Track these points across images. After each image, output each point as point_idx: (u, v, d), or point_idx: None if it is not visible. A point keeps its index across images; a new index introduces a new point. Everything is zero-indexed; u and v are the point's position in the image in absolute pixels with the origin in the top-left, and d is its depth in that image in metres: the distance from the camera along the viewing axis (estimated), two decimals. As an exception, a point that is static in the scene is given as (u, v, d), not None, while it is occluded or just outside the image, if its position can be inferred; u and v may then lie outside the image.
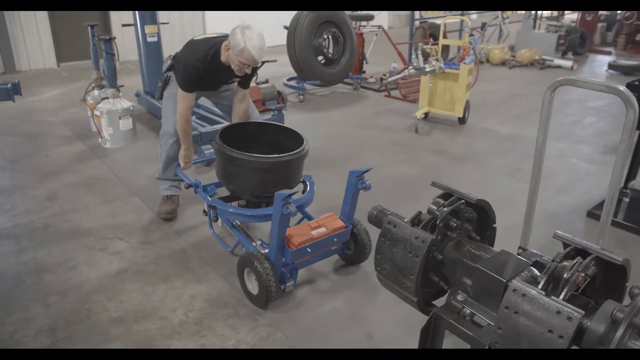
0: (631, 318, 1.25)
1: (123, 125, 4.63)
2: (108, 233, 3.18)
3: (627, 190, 3.63)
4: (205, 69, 2.89)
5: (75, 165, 4.27)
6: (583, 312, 1.28)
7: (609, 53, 10.16)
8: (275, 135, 3.02)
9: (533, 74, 8.22)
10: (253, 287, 2.47)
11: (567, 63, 8.47)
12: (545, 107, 1.69)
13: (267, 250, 2.51)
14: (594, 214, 3.46)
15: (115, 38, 4.69)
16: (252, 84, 5.35)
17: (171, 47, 7.17)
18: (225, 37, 2.92)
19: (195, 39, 3.05)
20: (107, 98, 4.65)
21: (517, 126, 5.43)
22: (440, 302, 1.92)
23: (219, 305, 2.51)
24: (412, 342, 2.23)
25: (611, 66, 8.38)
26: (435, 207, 1.68)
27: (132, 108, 4.69)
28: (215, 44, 2.90)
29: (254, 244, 2.72)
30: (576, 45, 9.57)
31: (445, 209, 1.67)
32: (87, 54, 5.26)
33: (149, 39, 5.29)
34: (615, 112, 5.87)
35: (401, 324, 2.36)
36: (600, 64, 9.20)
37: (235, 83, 3.19)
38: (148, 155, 4.43)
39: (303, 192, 2.87)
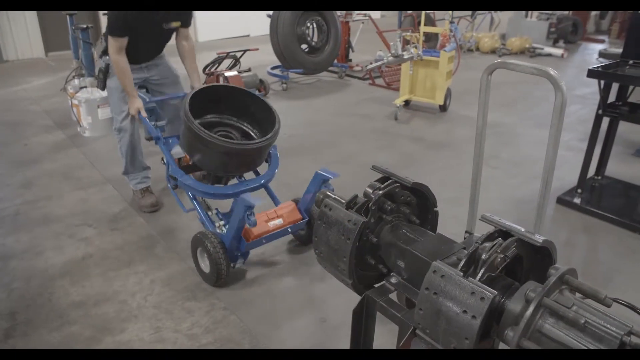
0: (541, 297, 1.27)
1: (102, 114, 4.64)
2: (77, 220, 3.21)
3: (598, 177, 3.63)
4: (135, 14, 2.84)
5: (53, 154, 4.28)
6: (496, 292, 1.30)
7: (601, 41, 10.10)
8: (244, 102, 2.86)
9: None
10: (205, 265, 2.54)
11: (557, 51, 8.43)
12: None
13: (224, 229, 2.62)
14: (564, 200, 3.47)
15: (92, 27, 4.69)
16: (234, 72, 5.39)
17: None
18: None
19: None
20: (86, 87, 4.66)
21: (500, 114, 5.41)
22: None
23: (178, 289, 2.54)
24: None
25: (602, 54, 8.33)
26: (370, 191, 1.69)
27: (110, 96, 4.68)
28: None
29: (216, 223, 2.71)
30: (568, 33, 9.51)
31: (380, 192, 1.68)
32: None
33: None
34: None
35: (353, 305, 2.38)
36: (591, 52, 9.14)
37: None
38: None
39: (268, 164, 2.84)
